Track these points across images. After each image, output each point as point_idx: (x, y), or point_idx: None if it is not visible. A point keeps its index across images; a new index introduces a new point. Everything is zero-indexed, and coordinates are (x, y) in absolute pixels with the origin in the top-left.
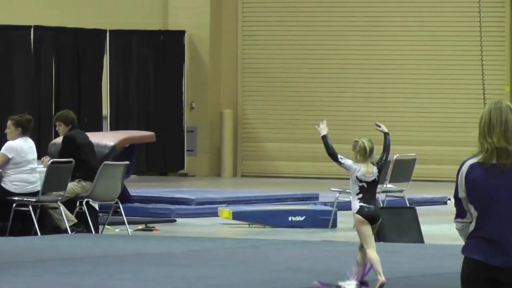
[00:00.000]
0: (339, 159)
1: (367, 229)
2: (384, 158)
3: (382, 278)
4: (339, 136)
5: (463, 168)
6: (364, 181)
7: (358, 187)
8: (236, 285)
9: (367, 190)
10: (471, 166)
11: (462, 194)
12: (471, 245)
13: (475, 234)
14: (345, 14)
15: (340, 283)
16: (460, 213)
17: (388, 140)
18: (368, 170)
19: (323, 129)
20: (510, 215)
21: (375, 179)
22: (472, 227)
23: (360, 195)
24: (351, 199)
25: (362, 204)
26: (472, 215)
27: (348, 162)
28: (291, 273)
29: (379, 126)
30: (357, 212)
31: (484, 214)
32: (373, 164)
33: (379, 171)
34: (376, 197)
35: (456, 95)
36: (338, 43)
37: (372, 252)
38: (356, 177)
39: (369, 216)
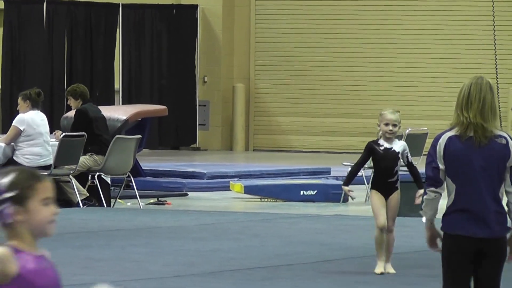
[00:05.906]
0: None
1: None
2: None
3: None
4: (350, 111)
5: (440, 140)
6: None
7: None
8: (250, 259)
9: None
10: (449, 138)
11: (441, 166)
12: (452, 220)
13: (455, 208)
14: None
15: None
16: (436, 182)
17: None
18: None
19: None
20: (489, 187)
21: None
22: (450, 201)
23: None
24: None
25: None
26: (449, 188)
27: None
28: (304, 246)
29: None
30: None
31: (464, 187)
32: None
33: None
34: None
35: (469, 70)
36: (351, 17)
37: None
38: None
39: None
